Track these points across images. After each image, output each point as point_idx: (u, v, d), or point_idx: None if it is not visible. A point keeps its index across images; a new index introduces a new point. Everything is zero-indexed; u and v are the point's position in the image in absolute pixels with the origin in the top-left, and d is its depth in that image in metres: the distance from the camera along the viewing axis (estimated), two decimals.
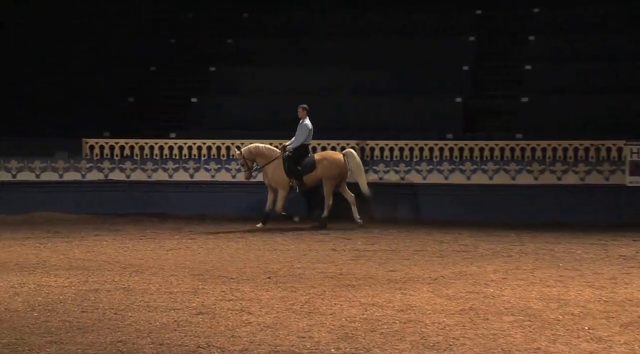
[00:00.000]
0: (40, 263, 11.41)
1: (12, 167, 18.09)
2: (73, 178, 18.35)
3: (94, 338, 7.28)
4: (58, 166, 18.33)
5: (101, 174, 18.41)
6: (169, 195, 18.17)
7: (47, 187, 18.10)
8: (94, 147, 18.46)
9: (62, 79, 20.91)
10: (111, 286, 9.72)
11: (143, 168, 18.43)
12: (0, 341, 7.11)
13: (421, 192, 17.50)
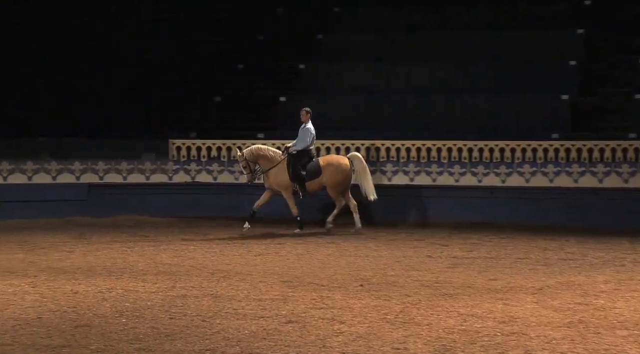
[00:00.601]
0: (127, 268, 11.72)
1: (99, 169, 18.64)
2: (160, 180, 18.77)
3: (182, 346, 7.43)
4: (145, 167, 18.79)
5: (188, 176, 18.78)
6: (256, 198, 18.37)
7: (134, 189, 18.56)
8: (181, 149, 18.85)
9: (149, 80, 21.40)
10: (199, 292, 9.90)
11: (230, 170, 18.70)
12: (89, 347, 7.35)
13: (523, 196, 17.22)
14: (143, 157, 18.90)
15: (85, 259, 12.52)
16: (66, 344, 7.43)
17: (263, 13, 23.14)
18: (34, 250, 13.46)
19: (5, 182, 17.96)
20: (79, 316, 8.57)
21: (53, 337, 7.67)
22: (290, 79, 21.17)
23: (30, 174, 18.13)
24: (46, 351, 7.20)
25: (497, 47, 20.40)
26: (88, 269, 11.53)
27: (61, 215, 17.69)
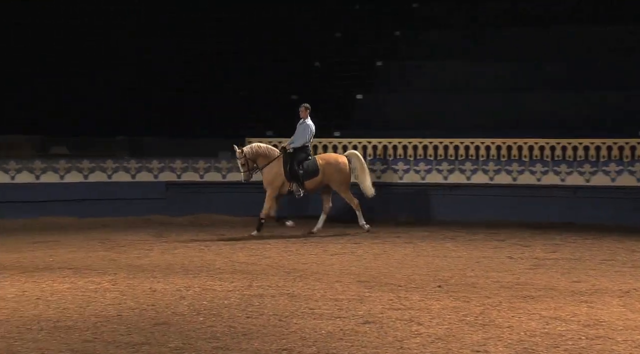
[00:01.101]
0: (205, 266, 11.87)
1: (177, 168, 18.93)
2: (236, 179, 18.94)
3: (259, 345, 7.49)
4: (221, 166, 19.01)
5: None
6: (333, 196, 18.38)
7: (211, 187, 18.80)
8: None
9: (225, 79, 21.64)
10: (275, 291, 9.97)
11: None
12: (167, 345, 7.46)
13: (609, 195, 16.84)
14: (220, 156, 19.13)
15: (163, 258, 12.73)
16: (145, 341, 7.56)
17: (341, 10, 23.13)
18: (114, 248, 13.75)
19: (86, 181, 18.39)
20: (158, 314, 8.72)
21: (133, 334, 7.82)
22: (367, 77, 21.13)
23: (110, 172, 18.53)
24: (126, 348, 7.34)
25: (579, 42, 19.99)
26: (166, 268, 11.72)
27: (140, 213, 18.03)
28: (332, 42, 22.40)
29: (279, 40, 22.45)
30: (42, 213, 17.54)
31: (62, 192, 18.01)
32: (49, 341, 7.54)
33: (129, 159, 18.71)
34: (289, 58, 21.89)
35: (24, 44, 22.12)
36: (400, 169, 18.32)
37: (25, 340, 7.57)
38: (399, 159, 18.32)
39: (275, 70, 21.69)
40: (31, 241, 14.59)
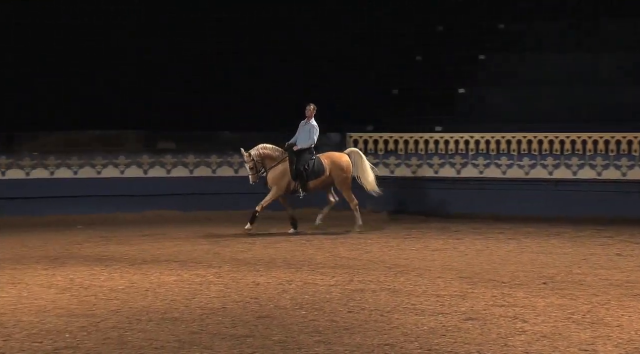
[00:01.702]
0: (306, 260, 11.98)
1: None
2: None
3: (360, 340, 7.52)
4: None
5: None
6: (434, 192, 18.31)
7: None
8: (358, 142, 19.04)
9: (325, 74, 21.70)
10: (376, 286, 9.98)
11: (407, 163, 18.73)
12: (271, 338, 7.58)
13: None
14: (321, 151, 19.19)
15: (265, 251, 12.91)
16: (249, 334, 7.69)
17: (442, 2, 22.89)
18: (218, 242, 14.02)
19: (192, 175, 18.79)
20: (261, 307, 8.85)
21: (237, 327, 7.97)
22: (470, 70, 20.86)
23: (214, 167, 18.88)
24: (231, 340, 7.49)
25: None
26: (268, 261, 11.88)
27: (244, 208, 18.26)
28: (434, 35, 22.19)
29: (380, 33, 22.38)
30: (149, 207, 18.02)
31: (168, 186, 18.45)
32: (157, 332, 7.75)
33: (233, 154, 19.01)
34: (390, 52, 21.79)
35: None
36: (503, 164, 18.05)
37: (135, 330, 7.81)
38: (502, 154, 18.07)
39: (377, 64, 21.64)
40: (139, 234, 15.02)
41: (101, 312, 8.54)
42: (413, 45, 21.86)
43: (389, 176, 18.73)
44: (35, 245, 13.50)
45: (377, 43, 22.13)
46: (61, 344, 7.30)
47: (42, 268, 11.11)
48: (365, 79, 21.40)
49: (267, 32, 22.06)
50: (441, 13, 22.54)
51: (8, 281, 10.19)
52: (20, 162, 17.79)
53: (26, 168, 17.84)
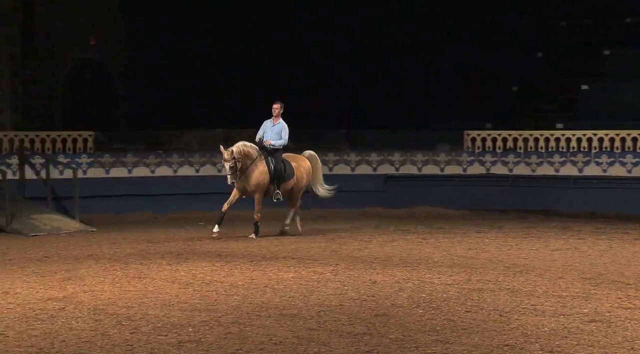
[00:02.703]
0: (423, 259, 11.94)
1: (395, 161, 19.15)
2: (454, 172, 18.90)
3: (479, 340, 7.46)
4: (439, 159, 19.02)
5: (482, 167, 18.73)
6: (555, 190, 17.93)
7: (429, 180, 18.86)
8: (476, 140, 18.85)
9: (442, 71, 21.57)
10: (495, 286, 9.86)
11: (527, 162, 18.42)
12: (388, 336, 7.60)
13: None
14: (438, 149, 19.15)
15: (382, 250, 12.93)
16: (366, 332, 7.74)
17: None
18: (335, 239, 14.13)
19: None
20: (378, 305, 8.89)
21: (354, 324, 8.03)
22: (593, 66, 20.29)
23: (331, 165, 19.04)
24: (348, 337, 7.55)
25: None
26: (385, 259, 11.90)
27: (359, 205, 18.40)
28: (556, 31, 21.68)
29: (500, 30, 22.04)
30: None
31: None
32: (276, 328, 7.90)
33: (350, 152, 19.13)
34: (511, 48, 21.43)
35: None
36: (628, 162, 17.51)
37: (255, 326, 7.98)
38: (627, 152, 17.52)
39: (496, 61, 21.33)
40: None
41: (222, 307, 8.75)
42: (534, 41, 21.42)
43: (507, 174, 18.48)
44: (160, 241, 13.95)
45: (497, 40, 21.79)
46: (185, 338, 7.54)
47: (166, 263, 11.47)
48: (484, 77, 21.13)
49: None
50: (563, 9, 21.99)
51: (135, 275, 10.57)
52: (146, 161, 18.39)
53: (151, 166, 18.42)
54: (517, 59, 21.20)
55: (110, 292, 9.53)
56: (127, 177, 18.18)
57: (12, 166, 17.37)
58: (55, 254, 12.58)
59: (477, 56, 21.49)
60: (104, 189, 17.79)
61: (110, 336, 7.61)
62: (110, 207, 17.54)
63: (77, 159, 17.93)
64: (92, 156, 18.16)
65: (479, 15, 22.47)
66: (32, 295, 9.37)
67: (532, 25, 21.80)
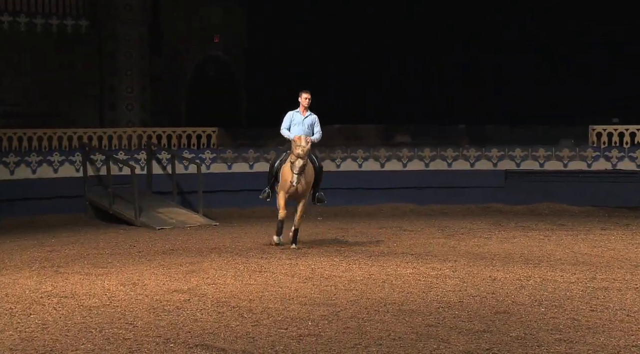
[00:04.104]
0: (545, 256, 11.68)
1: (516, 156, 18.79)
2: (578, 167, 18.39)
3: (605, 340, 7.23)
4: (562, 154, 18.56)
5: (608, 163, 18.16)
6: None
7: (551, 176, 18.42)
8: (602, 135, 18.29)
9: (568, 62, 21.00)
10: (622, 285, 9.55)
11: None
12: (509, 334, 7.47)
13: None
14: (561, 144, 18.69)
15: (502, 246, 12.72)
16: (486, 329, 7.62)
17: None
18: (454, 235, 13.98)
19: (427, 169, 18.86)
20: (498, 302, 8.74)
21: (474, 321, 7.92)
22: None
23: (450, 160, 18.84)
24: (467, 334, 7.46)
25: None
26: (505, 256, 11.70)
27: (478, 201, 18.16)
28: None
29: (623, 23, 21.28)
30: (385, 200, 18.31)
31: (403, 179, 18.66)
32: (395, 324, 7.88)
33: (469, 148, 18.90)
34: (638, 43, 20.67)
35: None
36: None
37: (374, 321, 7.98)
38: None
39: (623, 55, 20.61)
40: (377, 227, 15.29)
41: (341, 302, 8.79)
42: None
43: (635, 170, 17.86)
44: None
45: (623, 32, 21.06)
46: (304, 332, 7.61)
47: (286, 258, 11.62)
48: (616, 67, 20.45)
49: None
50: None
51: (255, 269, 10.75)
52: (266, 156, 18.68)
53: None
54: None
55: (232, 285, 9.72)
56: (249, 172, 18.50)
57: (140, 161, 17.95)
58: (180, 247, 12.93)
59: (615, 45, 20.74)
60: (226, 184, 18.16)
61: (233, 329, 7.77)
62: (232, 202, 17.89)
63: (201, 155, 18.37)
64: (215, 152, 18.57)
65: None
66: (159, 287, 9.67)
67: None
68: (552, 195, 18.12)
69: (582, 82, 20.57)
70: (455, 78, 21.66)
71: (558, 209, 17.68)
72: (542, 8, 22.03)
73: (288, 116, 12.51)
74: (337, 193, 18.40)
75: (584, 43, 21.22)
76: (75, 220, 16.52)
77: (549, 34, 21.82)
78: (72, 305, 8.76)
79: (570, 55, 21.19)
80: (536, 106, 20.63)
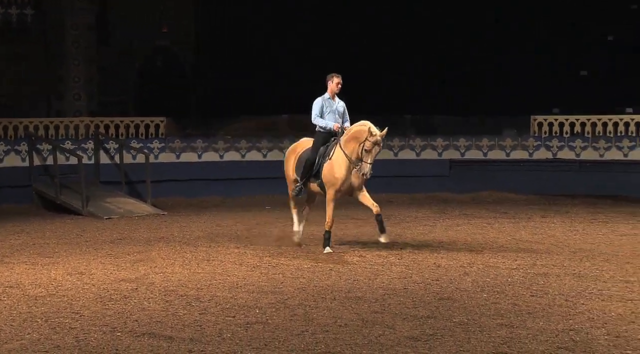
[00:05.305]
0: (487, 243, 11.82)
1: (460, 146, 18.96)
2: (520, 157, 18.64)
3: (544, 324, 7.35)
4: (505, 144, 18.78)
5: (549, 152, 18.44)
6: (623, 176, 17.55)
7: (494, 165, 18.64)
8: (542, 125, 18.55)
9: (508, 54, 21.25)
10: (561, 270, 9.71)
11: (594, 146, 18.05)
12: (452, 319, 7.55)
13: None
14: (504, 134, 18.91)
15: (446, 234, 12.84)
16: (430, 315, 7.70)
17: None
18: (400, 224, 14.07)
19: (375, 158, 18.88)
20: (442, 289, 8.83)
21: (418, 308, 7.99)
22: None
23: (396, 150, 18.95)
24: (412, 320, 7.52)
25: None
26: (449, 244, 11.82)
27: (424, 190, 18.29)
28: (627, 14, 21.13)
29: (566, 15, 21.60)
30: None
31: None
32: (341, 310, 7.91)
33: (415, 137, 19.02)
34: (580, 32, 20.98)
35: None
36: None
37: (321, 308, 8.00)
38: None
39: (564, 44, 20.92)
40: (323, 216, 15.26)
41: (288, 289, 8.80)
42: (604, 25, 20.94)
43: (574, 159, 18.16)
44: (228, 224, 14.08)
45: (564, 24, 21.38)
46: (252, 319, 7.60)
47: (234, 247, 11.58)
48: (552, 61, 20.76)
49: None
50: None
51: (204, 258, 10.70)
52: (215, 146, 18.58)
53: (220, 151, 18.61)
54: (587, 42, 20.75)
55: (180, 274, 9.67)
56: (197, 162, 18.38)
57: (88, 151, 17.71)
58: (128, 236, 12.81)
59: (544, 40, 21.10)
60: (174, 173, 18.02)
61: (181, 317, 7.72)
62: (180, 191, 17.77)
63: (149, 144, 18.20)
64: (163, 141, 18.40)
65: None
66: (106, 276, 9.57)
67: (602, 9, 21.28)
68: (495, 183, 18.34)
69: (524, 74, 20.82)
70: (401, 70, 21.77)
71: (501, 197, 17.90)
72: None
73: (318, 103, 11.14)
74: (284, 182, 18.44)
75: (526, 36, 21.48)
76: (21, 210, 16.25)
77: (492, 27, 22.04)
78: (17, 295, 8.63)
79: (513, 48, 21.43)
80: (480, 97, 20.82)
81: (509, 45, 21.51)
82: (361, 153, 10.73)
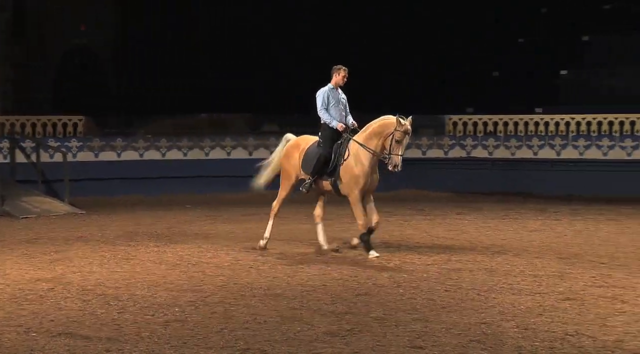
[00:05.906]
0: (404, 240, 11.99)
1: None
2: (436, 155, 18.94)
3: (457, 318, 7.50)
4: (422, 142, 19.04)
5: (463, 151, 18.78)
6: (533, 173, 18.01)
7: (412, 164, 18.84)
8: (457, 124, 18.88)
9: (425, 56, 21.54)
10: (473, 266, 9.92)
11: (506, 145, 18.47)
12: (369, 314, 7.64)
13: None
14: (420, 133, 19.16)
15: None
16: (348, 311, 7.77)
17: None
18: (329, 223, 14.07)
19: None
20: (360, 285, 8.92)
21: (336, 304, 8.06)
22: (573, 52, 20.34)
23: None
24: (330, 316, 7.58)
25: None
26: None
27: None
28: (537, 17, 21.69)
29: (481, 16, 22.03)
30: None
31: None
32: (261, 307, 7.92)
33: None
34: (492, 34, 21.43)
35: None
36: (604, 146, 17.59)
37: (240, 306, 7.99)
38: (604, 135, 17.60)
39: (477, 45, 21.34)
40: (243, 213, 15.26)
41: (208, 287, 8.76)
42: (515, 28, 21.44)
43: (487, 157, 18.55)
44: (147, 223, 13.92)
45: (479, 25, 21.79)
46: (171, 318, 7.54)
47: (153, 245, 11.47)
48: (465, 61, 21.14)
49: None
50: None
51: (123, 257, 10.56)
52: (135, 145, 18.33)
53: (140, 150, 18.37)
54: (499, 44, 21.20)
55: (99, 273, 9.52)
56: (116, 160, 18.11)
57: (3, 150, 17.27)
58: (45, 236, 12.55)
59: (455, 41, 21.48)
60: (93, 172, 17.72)
61: (98, 316, 7.61)
62: (99, 190, 17.49)
63: (67, 143, 17.85)
64: (81, 140, 18.07)
65: (461, 2, 22.44)
66: (22, 276, 9.36)
67: (513, 12, 21.79)
68: (412, 182, 18.56)
69: (440, 75, 21.12)
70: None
71: (418, 194, 18.15)
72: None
73: (324, 94, 10.56)
74: (204, 181, 18.34)
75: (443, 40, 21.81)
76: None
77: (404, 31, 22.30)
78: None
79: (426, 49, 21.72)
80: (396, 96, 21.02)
81: (425, 48, 21.73)
82: (390, 145, 10.37)
